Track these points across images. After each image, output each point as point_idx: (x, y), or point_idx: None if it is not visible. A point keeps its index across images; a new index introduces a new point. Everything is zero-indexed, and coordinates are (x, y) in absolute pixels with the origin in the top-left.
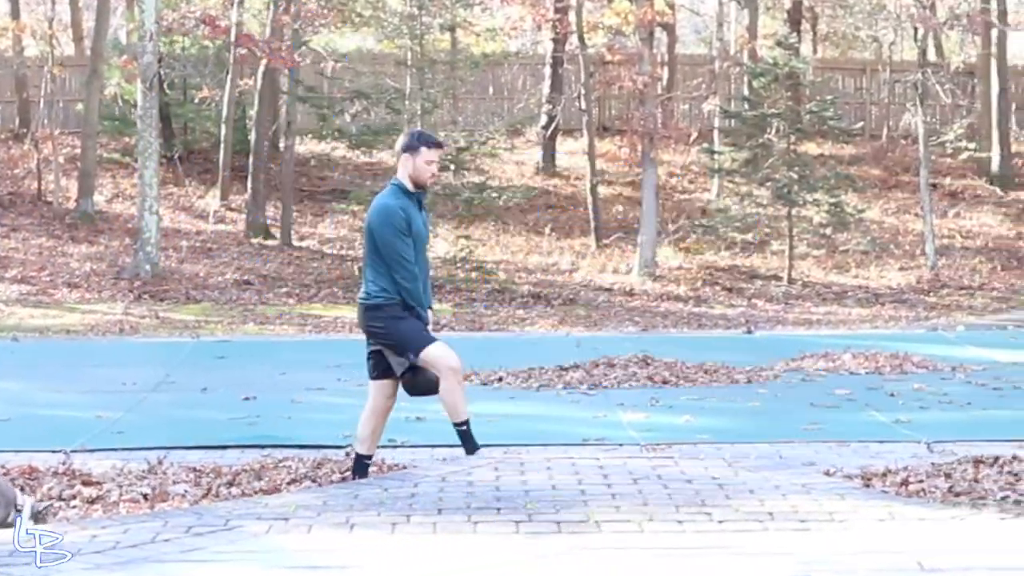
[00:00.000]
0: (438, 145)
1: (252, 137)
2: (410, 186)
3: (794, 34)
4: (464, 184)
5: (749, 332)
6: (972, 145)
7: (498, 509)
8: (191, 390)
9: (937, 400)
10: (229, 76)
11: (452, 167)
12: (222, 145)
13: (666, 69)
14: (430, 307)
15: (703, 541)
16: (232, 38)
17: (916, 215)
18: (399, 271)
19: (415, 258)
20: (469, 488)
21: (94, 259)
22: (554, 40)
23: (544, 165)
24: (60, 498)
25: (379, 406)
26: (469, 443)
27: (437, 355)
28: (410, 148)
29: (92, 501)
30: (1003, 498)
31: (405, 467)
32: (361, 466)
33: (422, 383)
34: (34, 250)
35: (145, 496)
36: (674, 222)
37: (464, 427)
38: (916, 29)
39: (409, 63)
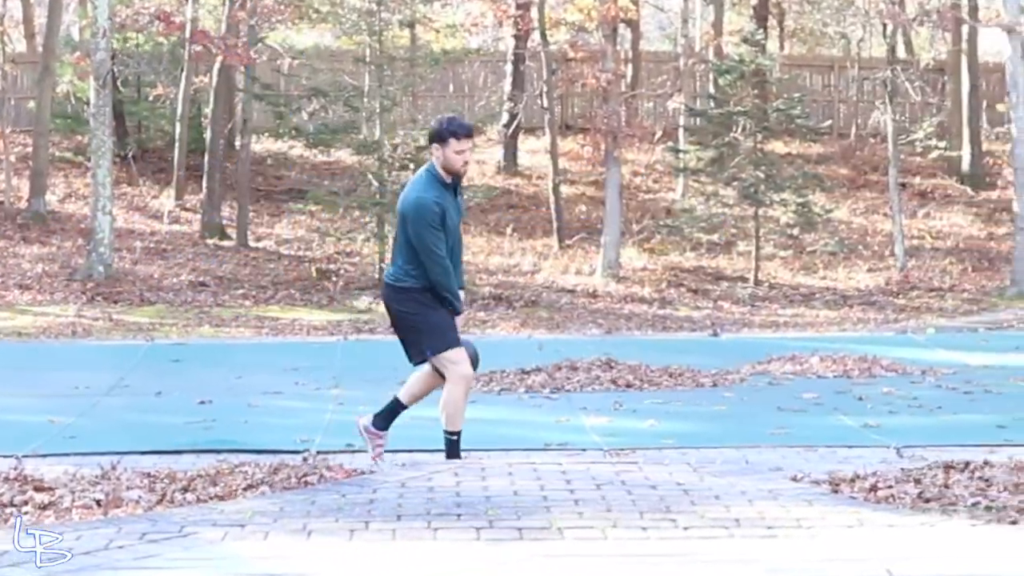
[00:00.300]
0: (468, 134)
1: (207, 136)
2: (444, 175)
3: (761, 30)
4: None
5: (715, 335)
6: (942, 144)
7: (459, 515)
8: (145, 394)
9: (907, 404)
10: (184, 73)
11: (411, 166)
12: (177, 144)
13: (630, 66)
14: (462, 288)
15: (668, 548)
16: (187, 35)
17: (885, 215)
18: (431, 264)
19: (449, 248)
20: (429, 494)
21: (46, 260)
22: (516, 37)
23: (505, 164)
24: (11, 504)
25: (431, 383)
26: (454, 453)
27: (454, 360)
28: (439, 139)
29: (44, 507)
30: (974, 504)
31: (364, 473)
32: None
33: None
34: None
35: (98, 502)
36: (638, 222)
37: (455, 438)
38: (885, 25)
39: (368, 60)
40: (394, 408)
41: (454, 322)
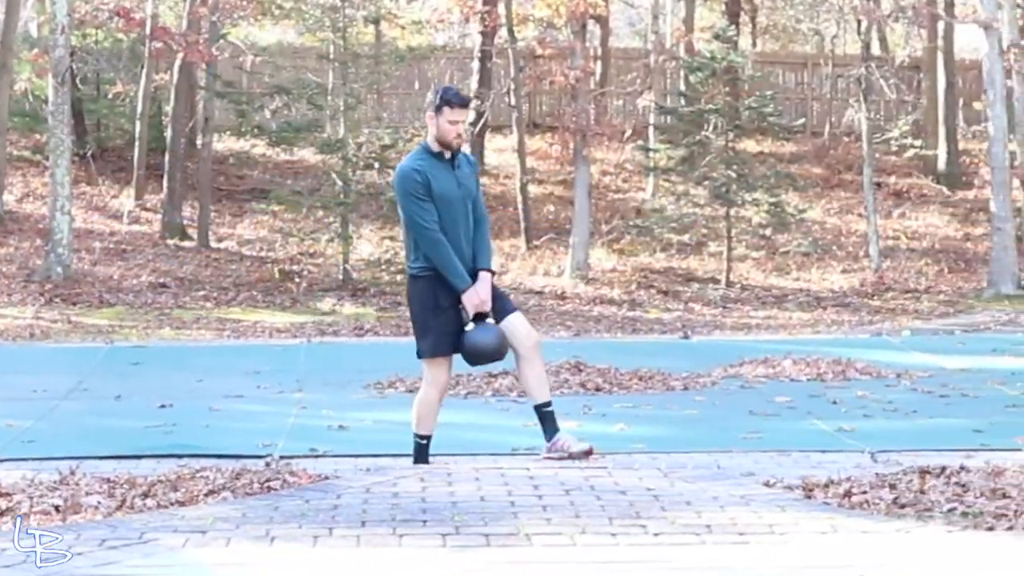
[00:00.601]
0: (463, 104)
1: (168, 134)
2: (435, 146)
3: (732, 27)
4: (388, 183)
5: (686, 337)
6: (918, 142)
7: (424, 521)
8: (105, 398)
9: (881, 408)
10: (144, 71)
11: (376, 165)
12: (137, 142)
13: (599, 63)
14: (487, 269)
15: (638, 555)
16: (147, 31)
17: (859, 215)
18: (420, 237)
19: (446, 221)
20: (394, 500)
21: (3, 261)
22: (482, 33)
23: None
24: None
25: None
26: (421, 457)
27: (430, 368)
28: (434, 107)
29: (2, 513)
30: (950, 510)
31: (328, 478)
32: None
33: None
34: None
35: (57, 508)
36: (607, 222)
37: (423, 441)
38: (859, 22)
39: (332, 57)
40: (541, 415)
41: (452, 327)
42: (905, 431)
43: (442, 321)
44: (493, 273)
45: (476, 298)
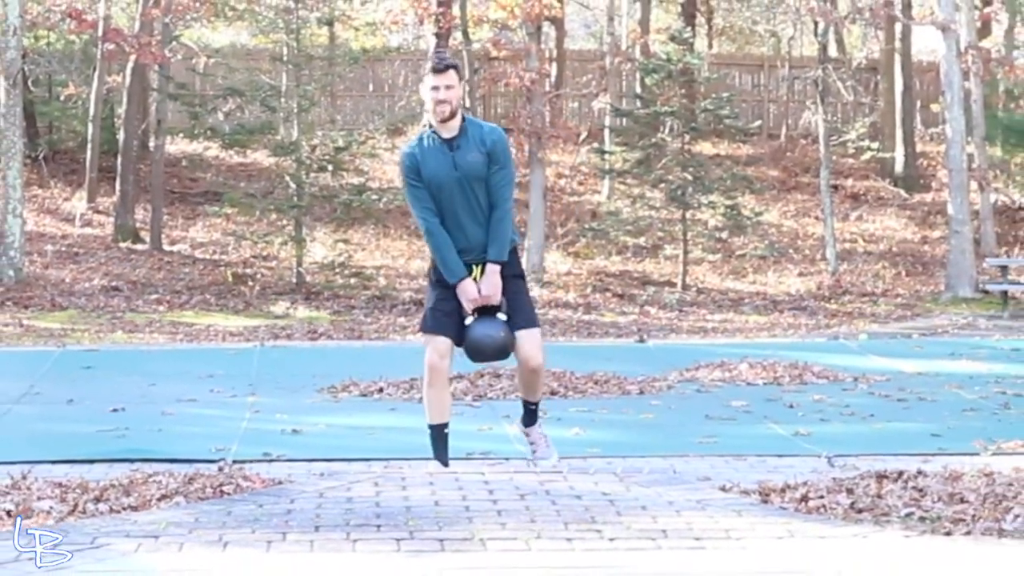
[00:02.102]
0: (437, 68)
1: (121, 136)
2: (434, 122)
3: (688, 28)
4: (342, 186)
5: (641, 341)
6: (875, 145)
7: (378, 526)
8: (56, 402)
9: (838, 412)
10: (96, 73)
11: (330, 168)
12: (89, 145)
13: (554, 65)
14: (496, 261)
15: (593, 560)
16: (99, 33)
17: (816, 218)
18: (418, 223)
19: (442, 206)
20: (348, 504)
21: None
22: (437, 35)
23: None
24: None
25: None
26: (434, 449)
27: (424, 345)
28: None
29: None
30: (908, 515)
31: (281, 482)
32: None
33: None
34: None
35: (8, 513)
36: (563, 225)
37: (431, 432)
38: (816, 23)
39: (285, 59)
40: (525, 408)
41: (451, 306)
42: (862, 435)
43: (439, 299)
44: (503, 264)
45: (468, 292)
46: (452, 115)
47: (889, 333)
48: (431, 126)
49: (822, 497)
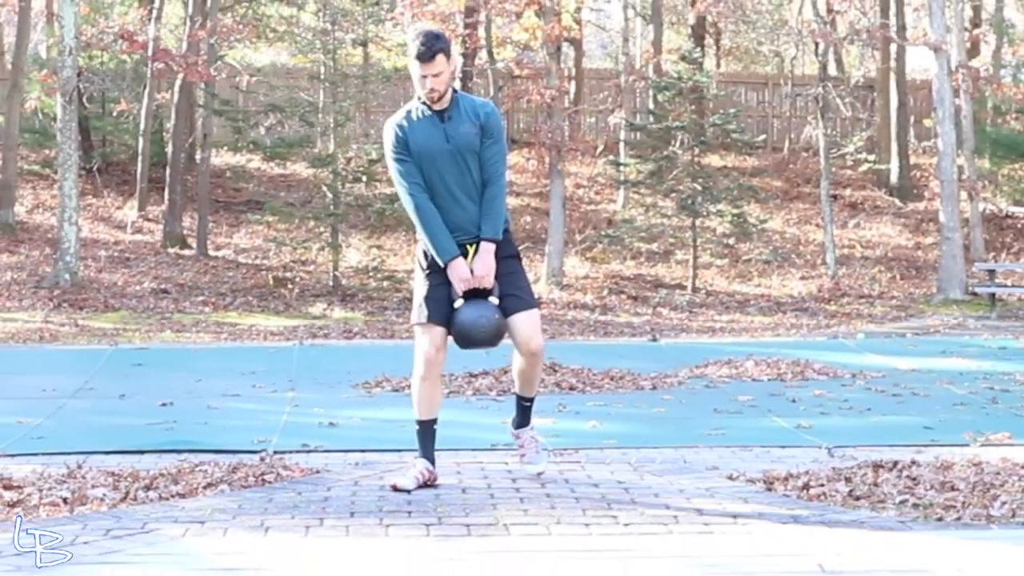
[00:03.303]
0: (421, 58)
1: (169, 149)
2: (423, 96)
3: (698, 49)
4: (376, 195)
5: (654, 340)
6: (872, 157)
7: (409, 512)
8: (110, 396)
9: (838, 406)
10: (147, 90)
11: (364, 179)
12: (140, 157)
13: (573, 83)
14: (490, 239)
15: (609, 543)
16: (150, 53)
17: (817, 225)
18: (400, 198)
19: (431, 179)
20: (381, 492)
21: (15, 268)
22: (464, 55)
23: None
24: None
25: (517, 359)
26: (420, 445)
27: (417, 336)
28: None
29: (13, 505)
30: (902, 502)
31: (318, 471)
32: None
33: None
34: None
35: (65, 500)
36: (581, 232)
37: (418, 427)
38: (817, 44)
39: (322, 77)
40: (519, 406)
41: (445, 293)
42: (860, 428)
43: (433, 285)
44: (497, 243)
45: (460, 272)
46: (443, 96)
47: (885, 333)
48: (420, 98)
49: (822, 485)
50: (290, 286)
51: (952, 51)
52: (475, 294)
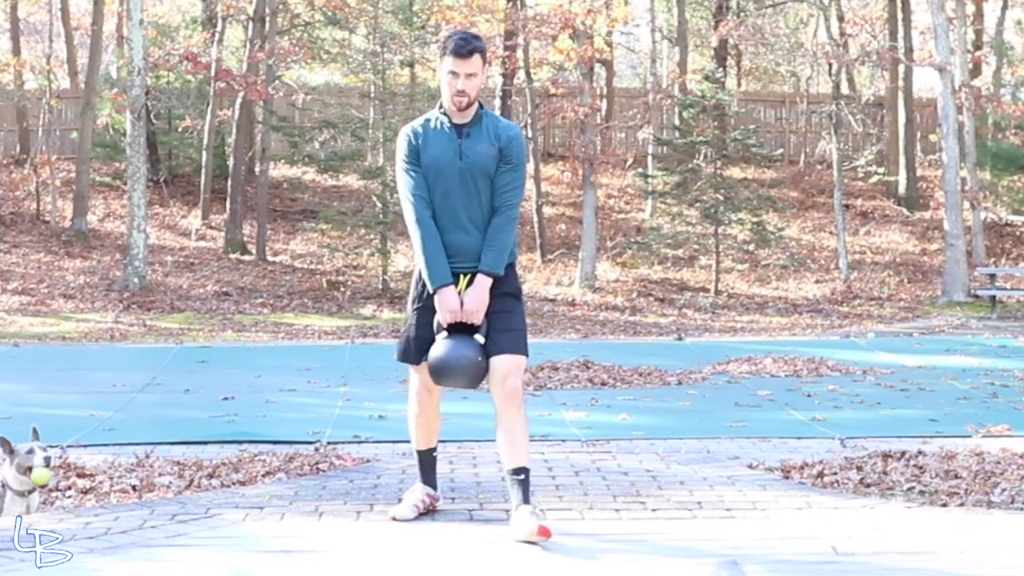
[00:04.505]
0: (459, 52)
1: (230, 162)
2: (448, 103)
3: (720, 69)
4: None
5: (679, 339)
6: (881, 170)
7: (452, 499)
8: (175, 391)
9: (850, 400)
10: (209, 107)
11: None
12: (203, 170)
13: (605, 101)
14: (488, 273)
15: (638, 528)
16: (212, 73)
17: (830, 233)
18: (403, 211)
19: (436, 195)
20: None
21: (87, 273)
22: (503, 75)
23: None
24: (57, 489)
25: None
26: (424, 475)
27: (410, 374)
28: (439, 55)
29: (86, 492)
30: (909, 489)
31: (369, 461)
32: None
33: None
34: (33, 265)
35: (134, 487)
36: (612, 239)
37: (419, 456)
38: (830, 65)
39: (372, 95)
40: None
41: (428, 333)
42: (870, 420)
43: (419, 323)
44: (496, 278)
45: (449, 302)
46: (470, 106)
47: (893, 332)
48: (442, 106)
49: (836, 473)
50: (342, 289)
51: (956, 71)
52: (461, 328)
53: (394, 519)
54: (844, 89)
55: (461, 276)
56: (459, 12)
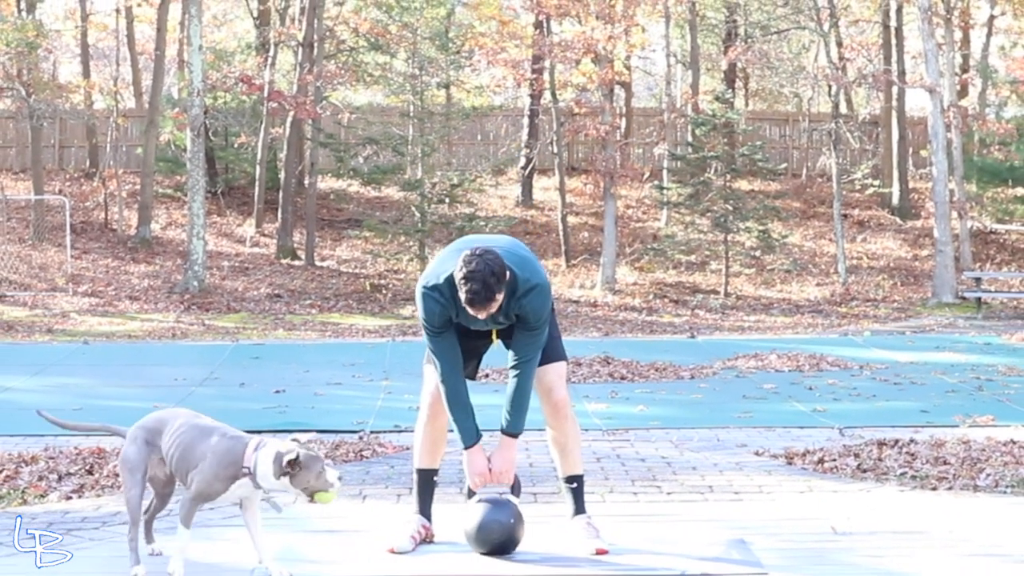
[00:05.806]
0: (470, 303)
1: (281, 176)
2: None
3: (729, 91)
4: (457, 215)
5: (692, 337)
6: (876, 182)
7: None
8: (231, 385)
9: (848, 393)
10: (263, 125)
11: (447, 200)
12: (257, 182)
13: (624, 119)
14: (511, 434)
15: (654, 509)
16: (265, 94)
17: (830, 240)
18: (432, 364)
19: (464, 340)
20: (461, 466)
21: (151, 277)
22: (531, 95)
23: (523, 199)
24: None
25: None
26: (420, 501)
27: (424, 381)
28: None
29: None
30: (902, 474)
31: (408, 448)
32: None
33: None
34: (102, 269)
35: None
36: (630, 246)
37: (419, 476)
38: (830, 86)
39: (411, 114)
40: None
41: (453, 333)
42: (866, 411)
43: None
44: (516, 435)
45: (477, 465)
46: None
47: (888, 331)
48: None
49: (835, 460)
50: (384, 291)
51: (945, 92)
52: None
53: (392, 551)
54: (843, 108)
55: (493, 332)
56: (491, 38)
